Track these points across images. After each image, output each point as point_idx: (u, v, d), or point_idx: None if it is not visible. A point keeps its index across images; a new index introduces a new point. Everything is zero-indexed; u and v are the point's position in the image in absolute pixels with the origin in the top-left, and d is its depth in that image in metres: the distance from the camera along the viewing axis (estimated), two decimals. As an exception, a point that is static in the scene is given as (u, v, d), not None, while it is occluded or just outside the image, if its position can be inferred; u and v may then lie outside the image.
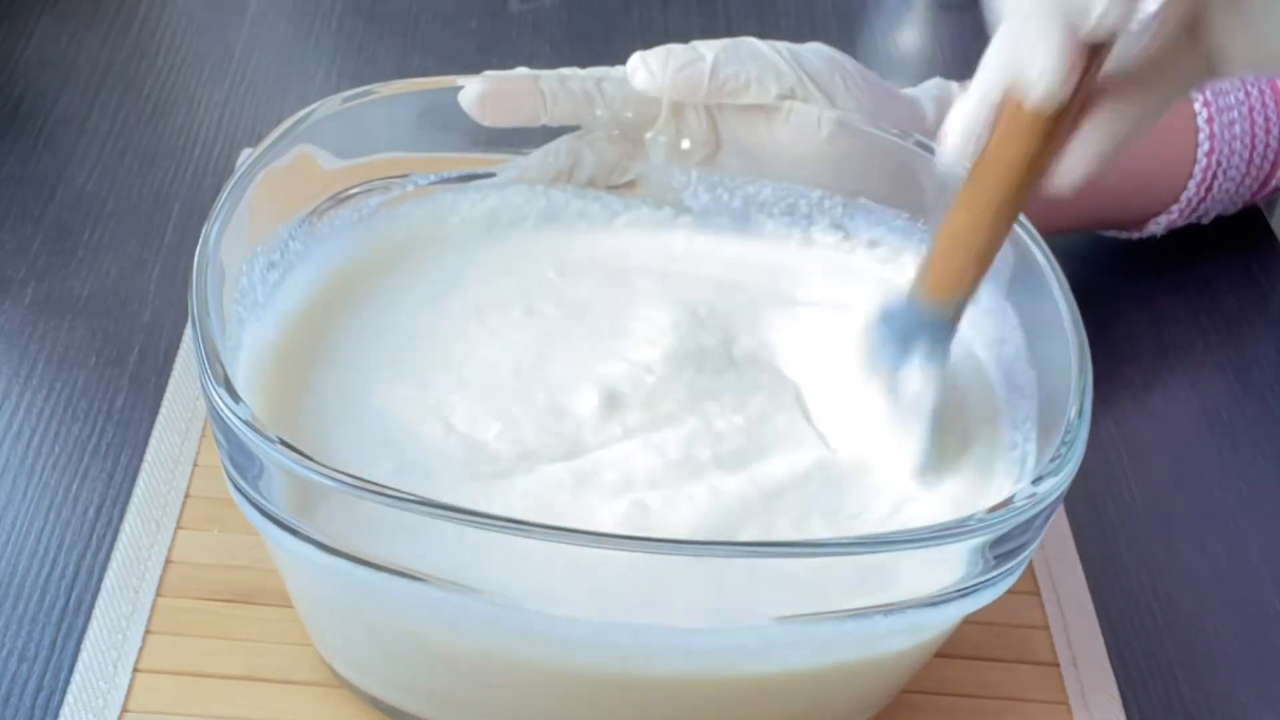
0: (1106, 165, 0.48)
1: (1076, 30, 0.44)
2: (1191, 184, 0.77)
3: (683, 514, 0.52)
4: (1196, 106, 0.76)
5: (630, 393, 0.56)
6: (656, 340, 0.58)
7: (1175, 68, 0.47)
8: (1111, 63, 0.47)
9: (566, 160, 0.62)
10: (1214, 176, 0.77)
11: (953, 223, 0.53)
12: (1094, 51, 0.46)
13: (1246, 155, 0.77)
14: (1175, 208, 0.78)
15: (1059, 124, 0.48)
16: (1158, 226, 0.79)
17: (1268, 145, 0.78)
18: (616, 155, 0.62)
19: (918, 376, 0.54)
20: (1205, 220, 0.81)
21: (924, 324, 0.54)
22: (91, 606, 0.59)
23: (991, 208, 0.51)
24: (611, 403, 0.55)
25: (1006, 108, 0.49)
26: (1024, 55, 0.45)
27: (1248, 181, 0.79)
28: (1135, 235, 0.80)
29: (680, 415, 0.55)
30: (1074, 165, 0.48)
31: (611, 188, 0.63)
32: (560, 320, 0.60)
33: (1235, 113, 0.76)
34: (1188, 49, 0.47)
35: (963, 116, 0.50)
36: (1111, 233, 0.81)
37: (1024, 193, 0.50)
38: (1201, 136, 0.76)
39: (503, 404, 0.56)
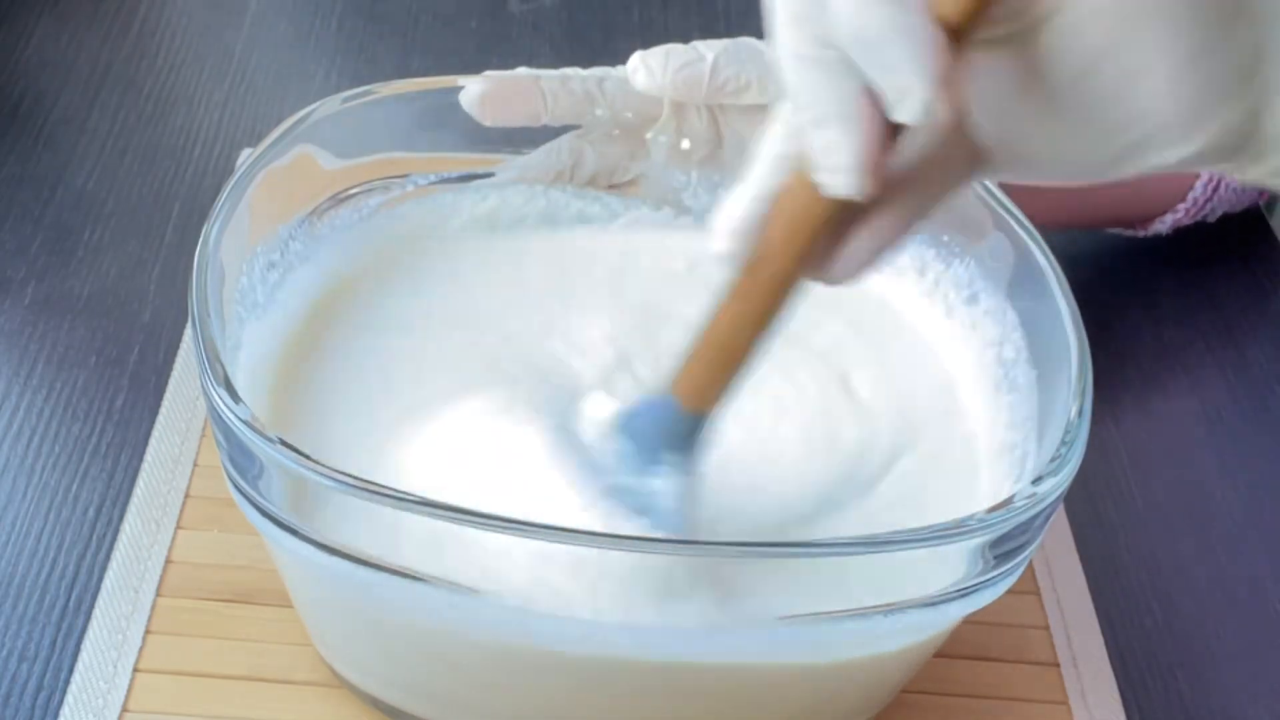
0: (882, 259, 0.45)
1: (888, 115, 0.41)
2: (1199, 184, 0.77)
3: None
4: None
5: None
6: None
7: (949, 163, 0.44)
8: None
9: (568, 158, 0.62)
10: (1221, 176, 0.77)
11: (718, 329, 0.48)
12: (890, 142, 0.42)
13: None
14: (1181, 206, 0.78)
15: (844, 222, 0.44)
16: (1164, 225, 0.79)
17: None
18: (618, 154, 0.62)
19: (669, 486, 0.50)
20: (1212, 219, 0.81)
21: (678, 429, 0.49)
22: (91, 606, 0.59)
23: (764, 313, 0.46)
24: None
25: (787, 206, 0.44)
26: (824, 148, 0.42)
27: None
28: (1141, 233, 0.80)
29: None
30: (854, 261, 0.45)
31: (612, 186, 0.63)
32: (560, 320, 0.60)
33: None
34: (957, 144, 0.44)
35: (738, 213, 0.45)
36: (1117, 230, 0.81)
37: (793, 296, 0.46)
38: None
39: (503, 402, 0.56)
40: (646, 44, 0.60)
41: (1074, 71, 0.40)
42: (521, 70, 0.60)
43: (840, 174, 0.42)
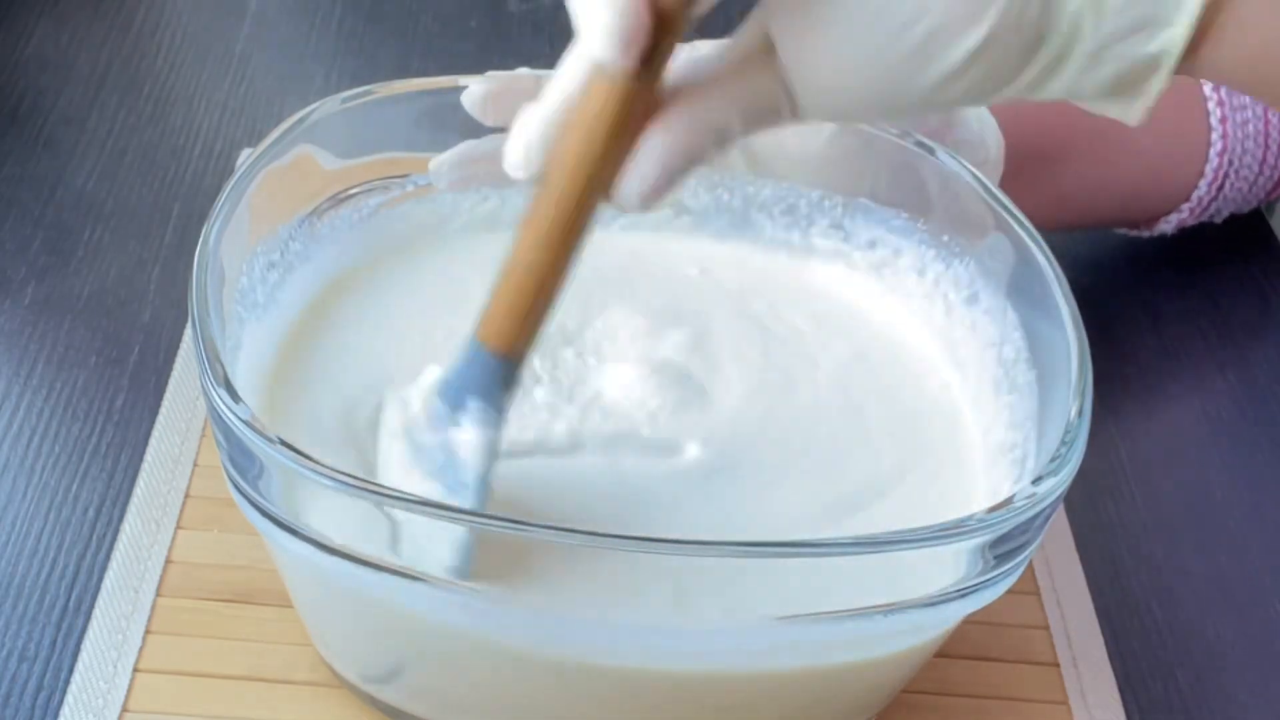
0: (672, 181, 0.44)
1: None
2: (1203, 183, 0.77)
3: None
4: (1210, 106, 0.75)
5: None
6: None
7: (755, 87, 0.44)
8: (688, 69, 0.45)
9: None
10: (1226, 176, 0.77)
11: (515, 263, 0.47)
12: (663, 26, 0.42)
13: (1260, 155, 0.77)
14: (1186, 206, 0.78)
15: (635, 133, 0.44)
16: (1168, 225, 0.79)
17: None
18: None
19: (471, 437, 0.48)
20: (1218, 219, 0.81)
21: (486, 374, 0.48)
22: (91, 606, 0.59)
23: (559, 238, 0.45)
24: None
25: (576, 119, 0.44)
26: (590, 22, 0.42)
27: (1261, 180, 0.78)
28: (1146, 233, 0.80)
29: None
30: (644, 177, 0.44)
31: None
32: (567, 320, 0.60)
33: (1249, 112, 0.76)
34: (768, 73, 0.44)
35: (529, 132, 0.45)
36: (1122, 230, 0.81)
37: (588, 220, 0.45)
38: (1214, 136, 0.76)
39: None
40: (646, 44, 0.60)
41: None
42: (522, 70, 0.60)
43: (601, 47, 0.42)
